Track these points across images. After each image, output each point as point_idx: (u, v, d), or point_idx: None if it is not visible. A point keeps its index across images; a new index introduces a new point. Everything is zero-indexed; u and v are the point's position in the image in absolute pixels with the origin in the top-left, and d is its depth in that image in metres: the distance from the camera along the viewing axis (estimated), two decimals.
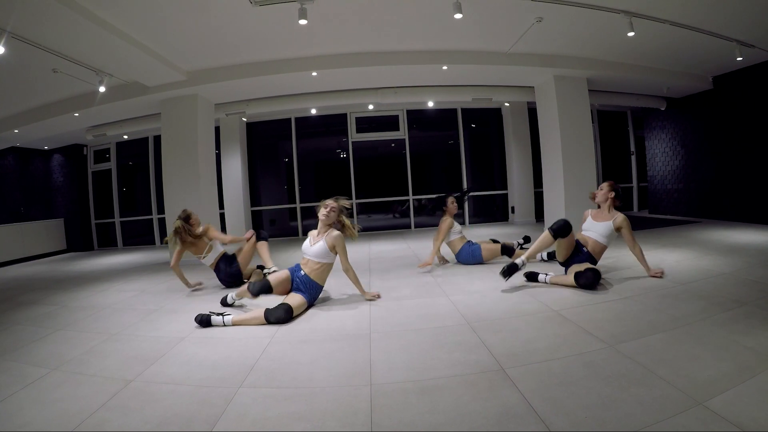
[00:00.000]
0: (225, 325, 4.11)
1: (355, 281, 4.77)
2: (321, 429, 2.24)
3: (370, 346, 3.37)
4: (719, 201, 10.09)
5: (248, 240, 6.03)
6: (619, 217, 5.08)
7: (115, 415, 2.49)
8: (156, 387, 2.85)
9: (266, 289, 4.43)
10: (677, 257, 6.00)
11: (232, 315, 4.19)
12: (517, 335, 3.42)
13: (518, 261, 4.90)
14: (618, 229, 5.06)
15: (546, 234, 4.94)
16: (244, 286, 4.55)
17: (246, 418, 2.39)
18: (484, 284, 5.18)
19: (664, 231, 8.39)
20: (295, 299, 4.33)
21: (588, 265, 4.82)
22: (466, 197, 6.96)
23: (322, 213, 4.83)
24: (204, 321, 4.15)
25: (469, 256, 6.41)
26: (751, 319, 3.40)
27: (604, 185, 5.26)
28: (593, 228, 5.19)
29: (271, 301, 4.52)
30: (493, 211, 12.84)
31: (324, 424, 2.28)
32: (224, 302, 4.91)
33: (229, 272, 5.84)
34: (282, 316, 4.07)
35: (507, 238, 8.95)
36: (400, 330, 3.72)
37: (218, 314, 4.19)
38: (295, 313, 4.20)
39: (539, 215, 11.54)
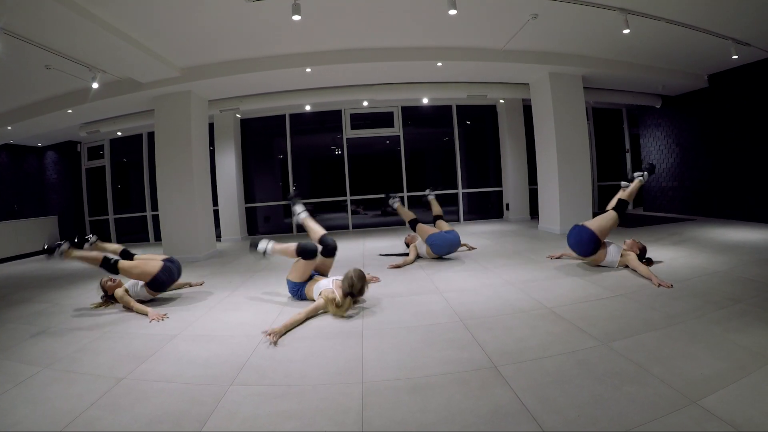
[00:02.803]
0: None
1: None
2: (311, 427, 2.23)
3: (362, 344, 3.36)
4: (714, 199, 10.11)
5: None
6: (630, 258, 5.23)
7: (105, 413, 2.49)
8: (147, 385, 2.84)
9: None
10: (672, 255, 6.00)
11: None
12: (510, 333, 3.42)
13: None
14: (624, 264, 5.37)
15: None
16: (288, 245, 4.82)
17: (236, 416, 2.38)
18: (477, 281, 5.18)
19: (659, 229, 8.42)
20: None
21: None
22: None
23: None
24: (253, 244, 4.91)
25: (437, 247, 6.63)
26: (746, 317, 3.41)
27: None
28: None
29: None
30: (488, 208, 12.83)
31: (314, 423, 2.27)
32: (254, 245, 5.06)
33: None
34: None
35: (500, 236, 8.97)
36: (393, 327, 3.72)
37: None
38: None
39: (534, 212, 11.55)
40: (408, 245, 7.03)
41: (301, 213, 5.23)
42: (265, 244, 4.86)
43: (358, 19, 6.54)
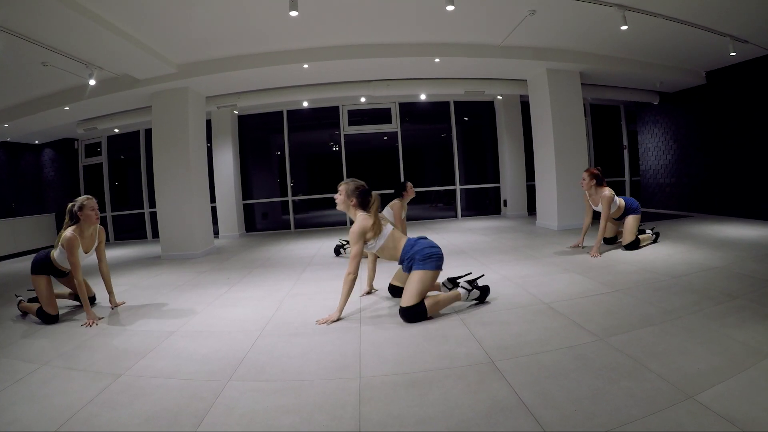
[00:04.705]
0: None
1: (344, 292, 3.95)
2: (309, 421, 2.24)
3: (360, 339, 3.37)
4: (711, 195, 10.14)
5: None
6: (604, 198, 6.11)
7: (103, 410, 2.48)
8: (145, 381, 2.84)
9: None
10: (669, 251, 6.02)
11: None
12: (507, 328, 3.42)
13: None
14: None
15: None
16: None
17: (234, 411, 2.38)
18: (475, 277, 5.18)
19: (657, 225, 8.41)
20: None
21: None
22: None
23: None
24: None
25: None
26: (743, 312, 3.41)
27: (585, 175, 6.30)
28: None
29: None
30: (486, 204, 12.86)
31: (312, 417, 2.27)
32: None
33: None
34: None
35: (498, 232, 8.97)
36: (390, 323, 3.72)
37: None
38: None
39: (531, 208, 11.55)
40: None
41: None
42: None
43: (356, 15, 6.54)
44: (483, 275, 4.48)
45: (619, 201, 6.34)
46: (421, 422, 2.17)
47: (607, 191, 6.14)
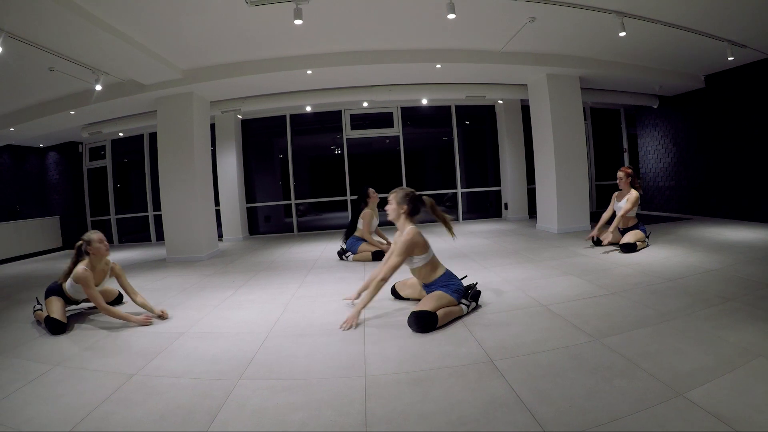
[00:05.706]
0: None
1: (369, 295, 3.95)
2: (317, 417, 2.34)
3: (364, 340, 3.46)
4: (710, 198, 10.20)
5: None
6: (632, 195, 6.65)
7: (118, 408, 2.56)
8: (157, 381, 2.92)
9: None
10: (667, 254, 6.09)
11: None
12: (506, 329, 3.52)
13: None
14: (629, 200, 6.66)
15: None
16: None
17: (245, 408, 2.47)
18: (475, 280, 5.25)
19: (656, 228, 8.47)
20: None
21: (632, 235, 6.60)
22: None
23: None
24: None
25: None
26: (736, 314, 3.49)
27: (620, 174, 6.85)
28: (618, 206, 6.82)
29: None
30: (487, 207, 12.92)
31: (320, 413, 2.37)
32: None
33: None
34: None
35: (499, 235, 9.05)
36: (393, 324, 3.81)
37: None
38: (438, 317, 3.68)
39: (532, 211, 11.62)
40: None
41: None
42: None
43: (359, 22, 6.62)
44: (476, 282, 4.49)
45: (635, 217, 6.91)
46: (424, 418, 2.27)
47: (636, 192, 6.71)
